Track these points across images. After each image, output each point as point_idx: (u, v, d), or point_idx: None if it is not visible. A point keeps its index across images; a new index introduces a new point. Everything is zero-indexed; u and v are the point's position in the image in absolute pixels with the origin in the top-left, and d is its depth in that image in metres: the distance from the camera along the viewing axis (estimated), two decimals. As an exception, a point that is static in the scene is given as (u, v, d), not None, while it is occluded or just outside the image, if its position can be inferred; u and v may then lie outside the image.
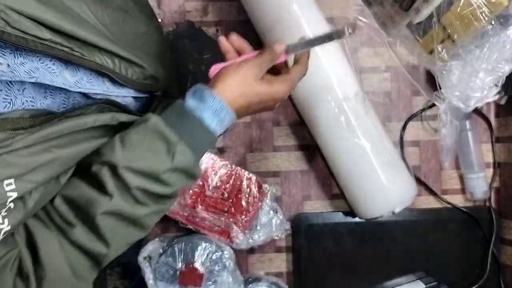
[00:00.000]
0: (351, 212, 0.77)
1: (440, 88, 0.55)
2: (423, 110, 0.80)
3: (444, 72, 0.50)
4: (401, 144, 0.80)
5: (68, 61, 0.41)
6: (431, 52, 0.47)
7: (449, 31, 0.44)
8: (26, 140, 0.36)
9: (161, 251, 0.72)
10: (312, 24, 0.68)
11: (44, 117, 0.39)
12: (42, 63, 0.40)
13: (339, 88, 0.69)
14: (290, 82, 0.51)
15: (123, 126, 0.46)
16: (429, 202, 0.81)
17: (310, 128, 0.75)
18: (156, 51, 0.58)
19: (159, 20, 0.78)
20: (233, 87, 0.47)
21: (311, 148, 0.80)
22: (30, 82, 0.39)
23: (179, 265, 0.71)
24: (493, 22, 0.42)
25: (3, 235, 0.37)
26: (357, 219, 0.78)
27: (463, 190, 0.81)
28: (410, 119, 0.80)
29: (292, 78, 0.51)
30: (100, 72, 0.46)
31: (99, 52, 0.44)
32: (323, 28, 0.69)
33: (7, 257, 0.39)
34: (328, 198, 0.81)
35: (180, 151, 0.43)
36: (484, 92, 0.49)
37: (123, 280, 0.80)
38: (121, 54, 0.47)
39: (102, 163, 0.42)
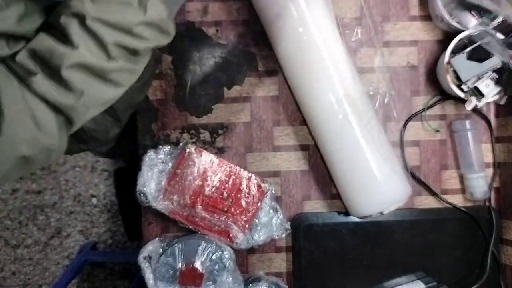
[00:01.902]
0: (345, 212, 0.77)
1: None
2: (423, 110, 0.80)
3: None
4: (401, 144, 0.80)
5: None
6: None
7: None
8: None
9: (161, 251, 0.72)
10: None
11: None
12: None
13: (340, 84, 0.69)
14: None
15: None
16: (429, 202, 0.81)
17: (309, 124, 0.75)
18: None
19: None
20: None
21: (311, 148, 0.80)
22: None
23: (179, 265, 0.71)
24: None
25: None
26: (357, 219, 0.78)
27: (463, 190, 0.81)
28: (410, 119, 0.80)
29: None
30: None
31: None
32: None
33: None
34: (328, 198, 0.80)
35: (152, 4, 0.43)
36: None
37: (123, 280, 0.80)
38: None
39: (71, 14, 0.42)
